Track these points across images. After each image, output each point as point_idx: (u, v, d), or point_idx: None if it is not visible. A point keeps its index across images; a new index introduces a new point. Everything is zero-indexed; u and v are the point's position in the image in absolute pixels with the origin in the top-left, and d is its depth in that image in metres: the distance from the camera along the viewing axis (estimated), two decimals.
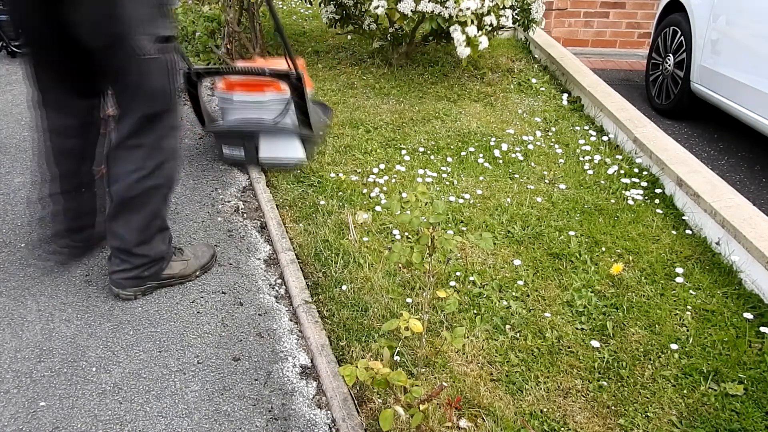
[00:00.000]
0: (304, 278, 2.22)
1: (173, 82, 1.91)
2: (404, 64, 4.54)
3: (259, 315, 2.09)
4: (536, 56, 4.87)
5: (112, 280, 2.09)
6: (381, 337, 1.90)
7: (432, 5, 3.75)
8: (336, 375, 1.77)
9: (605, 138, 3.41)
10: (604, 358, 1.88)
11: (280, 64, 2.75)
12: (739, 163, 3.18)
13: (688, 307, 2.11)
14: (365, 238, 2.43)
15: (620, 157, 3.18)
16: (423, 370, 1.81)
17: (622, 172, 3.02)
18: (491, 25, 3.98)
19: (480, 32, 3.85)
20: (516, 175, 2.99)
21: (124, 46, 1.77)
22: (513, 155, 3.19)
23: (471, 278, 2.22)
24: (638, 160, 3.12)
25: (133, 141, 1.92)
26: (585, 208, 2.70)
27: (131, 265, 2.05)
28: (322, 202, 2.70)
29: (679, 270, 2.29)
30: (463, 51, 3.79)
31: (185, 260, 2.22)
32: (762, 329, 2.00)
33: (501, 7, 4.00)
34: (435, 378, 1.79)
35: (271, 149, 2.93)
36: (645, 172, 3.01)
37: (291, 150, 2.94)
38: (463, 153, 3.21)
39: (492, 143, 3.32)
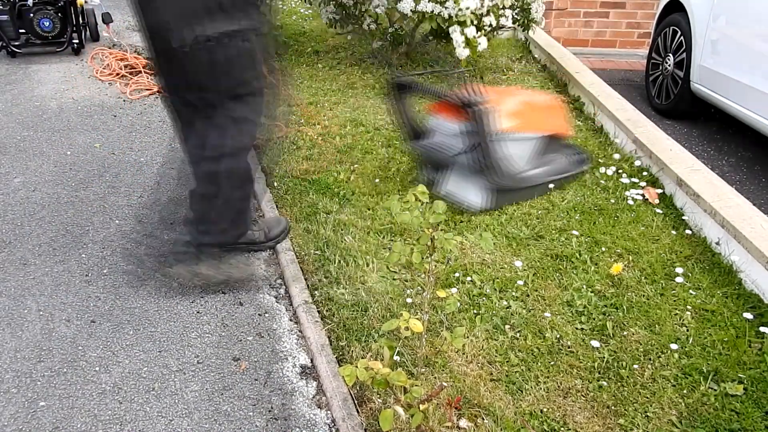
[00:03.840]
0: (304, 278, 2.22)
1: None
2: (404, 64, 4.55)
3: (259, 315, 2.09)
4: (536, 56, 4.87)
5: None
6: (381, 337, 1.90)
7: (432, 5, 3.75)
8: (336, 375, 1.77)
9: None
10: (604, 358, 1.88)
11: (537, 96, 2.46)
12: (739, 163, 3.18)
13: (688, 307, 2.11)
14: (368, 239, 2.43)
15: (620, 157, 3.18)
16: (423, 370, 1.81)
17: (621, 172, 3.01)
18: (490, 25, 3.98)
19: (479, 33, 3.85)
20: None
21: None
22: None
23: (471, 278, 2.22)
24: (638, 161, 3.12)
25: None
26: (585, 208, 2.70)
27: None
28: (322, 202, 2.70)
29: (679, 270, 2.29)
30: (462, 52, 3.80)
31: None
32: (762, 329, 2.00)
33: (501, 7, 4.00)
34: (435, 378, 1.79)
35: (455, 184, 2.63)
36: (645, 172, 3.00)
37: (472, 193, 2.60)
38: None
39: None
